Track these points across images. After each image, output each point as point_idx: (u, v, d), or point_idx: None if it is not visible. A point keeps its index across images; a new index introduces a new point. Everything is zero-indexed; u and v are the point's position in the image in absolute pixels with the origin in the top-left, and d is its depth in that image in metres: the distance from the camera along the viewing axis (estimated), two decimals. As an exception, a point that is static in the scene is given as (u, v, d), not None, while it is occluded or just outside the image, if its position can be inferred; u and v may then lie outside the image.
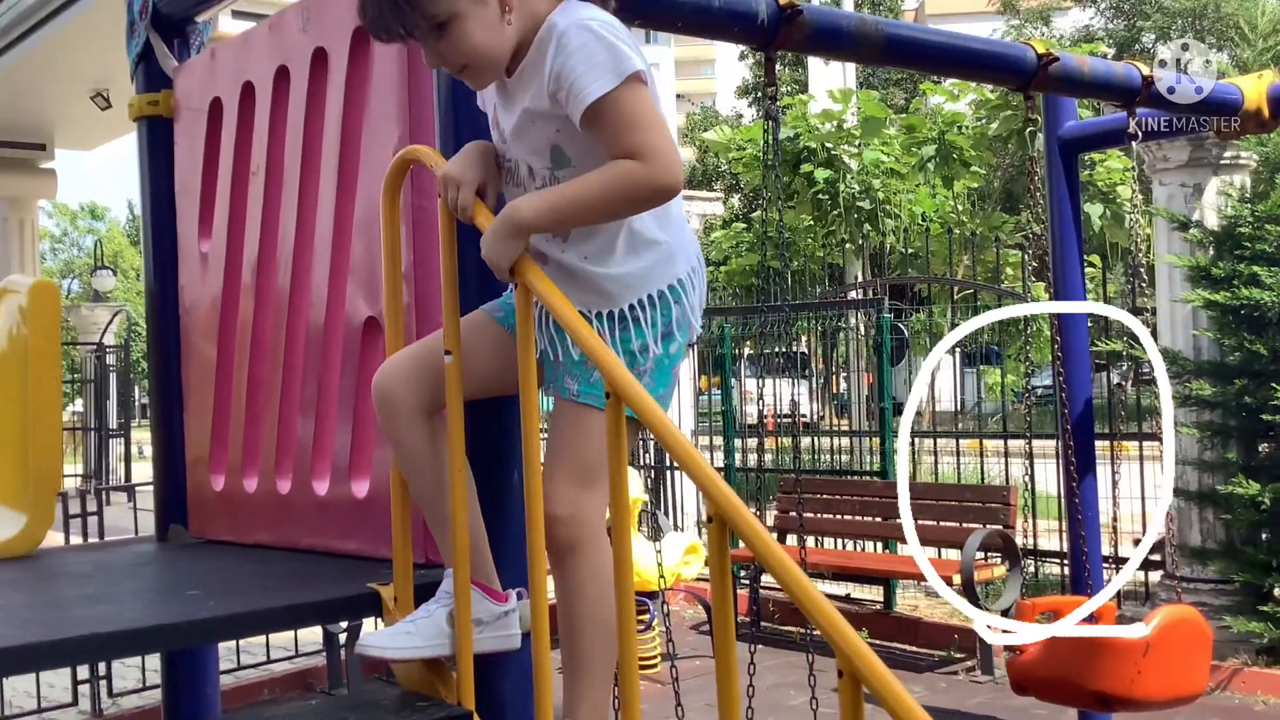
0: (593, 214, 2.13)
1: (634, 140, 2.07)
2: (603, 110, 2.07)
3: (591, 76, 2.06)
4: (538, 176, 2.24)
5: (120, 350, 15.72)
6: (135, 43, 3.45)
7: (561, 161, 2.20)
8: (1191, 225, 7.08)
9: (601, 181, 2.08)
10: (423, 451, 2.31)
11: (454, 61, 2.16)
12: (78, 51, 9.67)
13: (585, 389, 2.20)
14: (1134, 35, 29.92)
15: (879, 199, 13.61)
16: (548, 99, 2.14)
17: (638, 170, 2.07)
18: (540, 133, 2.19)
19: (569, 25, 2.11)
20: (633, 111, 2.08)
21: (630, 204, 2.12)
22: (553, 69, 2.11)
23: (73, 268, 44.88)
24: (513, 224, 2.10)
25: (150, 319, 3.62)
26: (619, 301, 2.21)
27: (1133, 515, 7.58)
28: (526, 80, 2.19)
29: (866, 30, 4.03)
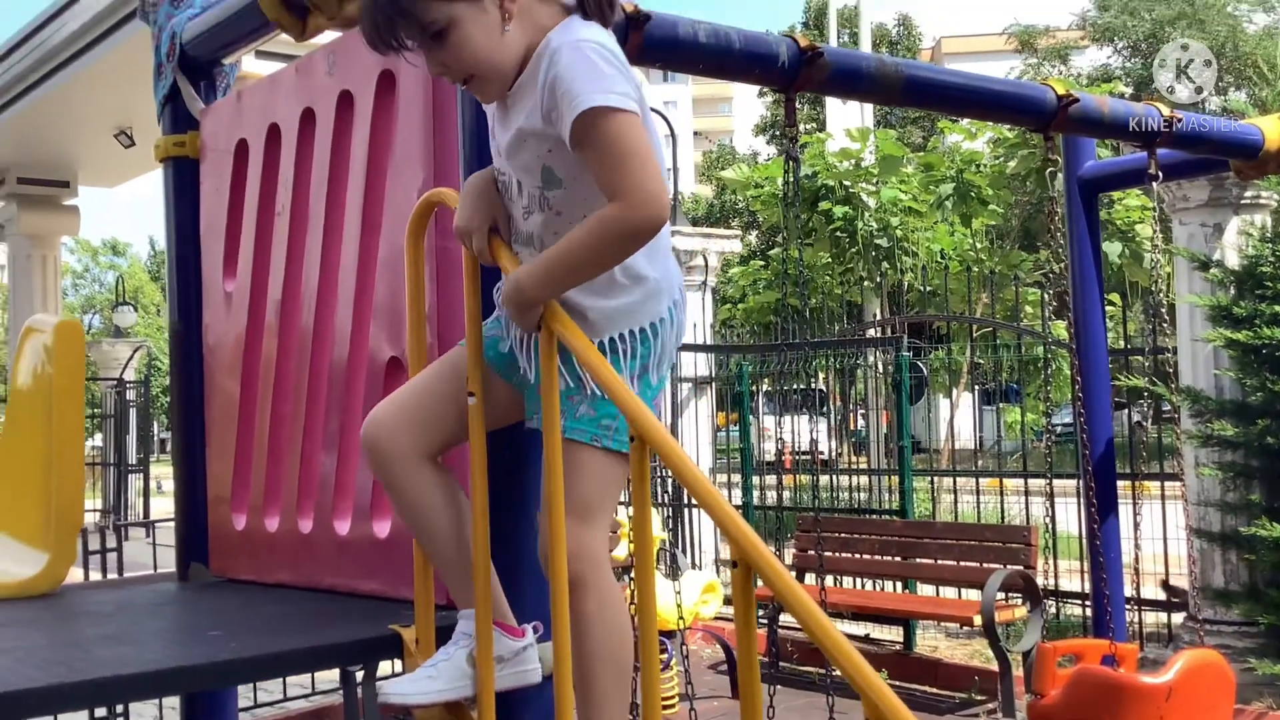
0: (588, 270, 2.13)
1: (615, 177, 2.05)
2: (588, 134, 2.04)
3: (580, 98, 2.04)
4: (526, 194, 2.23)
5: (140, 385, 15.79)
6: (162, 84, 3.49)
7: (552, 182, 2.18)
8: (1212, 265, 7.06)
9: (586, 239, 2.08)
10: (428, 496, 2.30)
11: (457, 70, 2.14)
12: (102, 90, 9.78)
13: (572, 424, 2.18)
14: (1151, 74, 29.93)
15: (897, 237, 13.62)
16: (540, 118, 2.12)
17: (618, 217, 2.05)
18: (532, 151, 2.18)
19: (563, 44, 2.10)
20: (617, 141, 2.04)
21: (620, 251, 2.12)
22: (545, 87, 2.09)
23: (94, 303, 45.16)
24: (510, 295, 2.14)
25: (174, 357, 3.64)
26: (599, 333, 2.19)
27: (1155, 556, 7.51)
28: (522, 97, 2.17)
29: (886, 72, 4.05)
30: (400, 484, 2.29)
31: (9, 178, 12.38)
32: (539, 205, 2.21)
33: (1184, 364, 7.23)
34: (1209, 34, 28.53)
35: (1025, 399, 11.23)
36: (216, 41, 3.42)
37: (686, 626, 5.49)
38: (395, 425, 2.28)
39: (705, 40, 3.59)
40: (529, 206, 2.23)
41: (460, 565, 2.31)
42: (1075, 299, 5.61)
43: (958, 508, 9.91)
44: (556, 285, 2.12)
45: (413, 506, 2.31)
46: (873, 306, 15.37)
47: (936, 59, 46.27)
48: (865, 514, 9.68)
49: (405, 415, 2.29)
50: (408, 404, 2.31)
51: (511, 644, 2.32)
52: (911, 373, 9.23)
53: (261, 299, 3.33)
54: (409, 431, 2.28)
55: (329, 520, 3.01)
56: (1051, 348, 8.83)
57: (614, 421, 2.19)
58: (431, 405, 2.30)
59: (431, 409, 2.30)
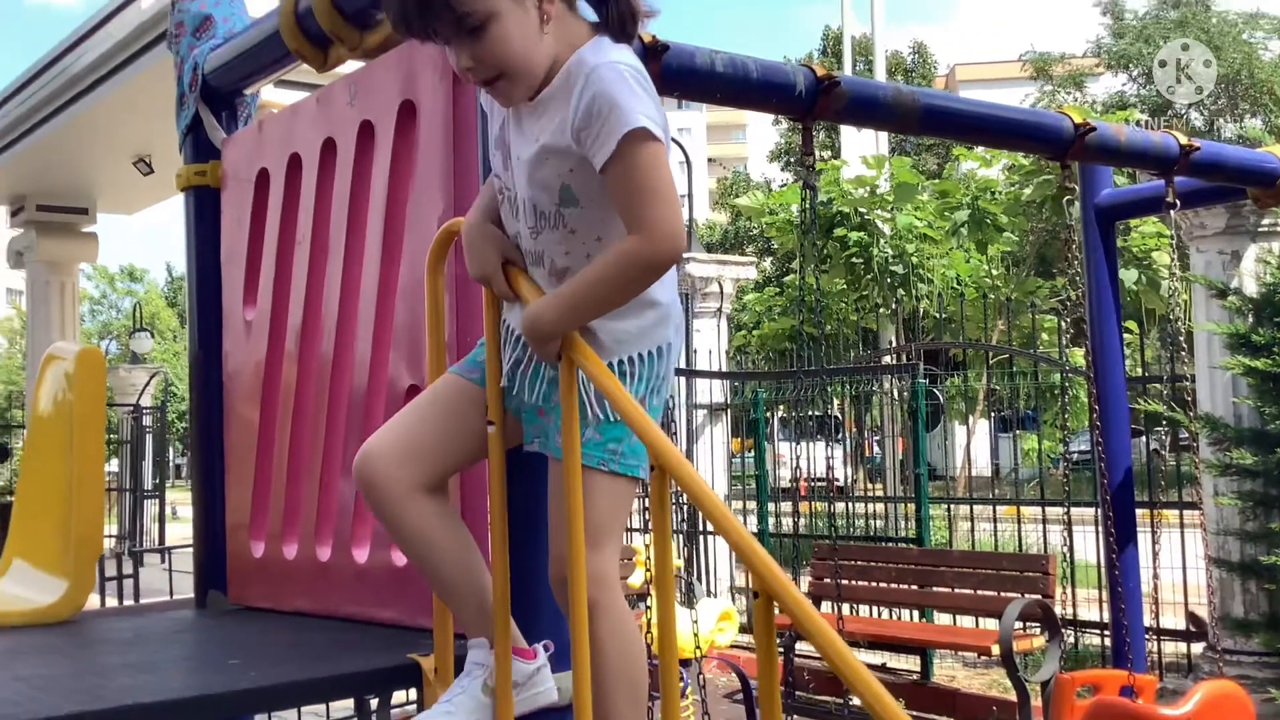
0: (609, 304, 2.13)
1: (641, 210, 2.05)
2: (623, 158, 2.03)
3: (621, 122, 2.03)
4: (537, 211, 2.18)
5: (157, 411, 15.84)
6: (185, 114, 3.52)
7: (569, 201, 2.15)
8: (1230, 292, 7.04)
9: (608, 274, 2.09)
10: (431, 528, 2.26)
11: (490, 66, 2.06)
12: (121, 118, 9.85)
13: (582, 449, 2.15)
14: (1167, 101, 29.95)
15: (912, 263, 13.62)
16: (570, 136, 2.08)
17: (641, 251, 2.06)
18: (553, 169, 2.13)
19: (601, 64, 2.07)
20: (645, 172, 2.04)
21: (640, 285, 2.13)
22: (580, 106, 2.06)
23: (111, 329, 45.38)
24: (539, 332, 2.11)
25: (194, 384, 3.66)
26: (609, 355, 2.18)
27: (1174, 585, 7.47)
28: (548, 112, 2.13)
29: (903, 100, 4.07)
30: (401, 520, 2.25)
31: (28, 205, 12.47)
32: (552, 223, 2.17)
33: (1202, 392, 7.20)
34: (1224, 61, 28.57)
35: (1042, 426, 11.19)
36: (238, 72, 3.46)
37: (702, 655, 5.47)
38: (392, 460, 2.23)
39: (723, 70, 3.62)
40: (539, 224, 2.18)
41: (469, 594, 2.29)
42: (1093, 327, 5.59)
43: (974, 536, 9.86)
44: (577, 319, 2.11)
45: (416, 540, 2.27)
46: (888, 333, 15.36)
47: (951, 86, 46.34)
48: (881, 542, 9.65)
49: (401, 449, 2.24)
50: (402, 437, 2.26)
51: (525, 668, 2.31)
52: (927, 400, 9.21)
53: (281, 327, 3.35)
54: (407, 465, 2.23)
55: (347, 548, 3.01)
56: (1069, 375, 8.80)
57: (619, 445, 2.18)
58: (428, 437, 2.26)
59: (428, 441, 2.25)
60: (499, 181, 2.26)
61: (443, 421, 2.28)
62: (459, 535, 2.31)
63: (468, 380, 2.32)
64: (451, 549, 2.28)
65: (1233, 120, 30.47)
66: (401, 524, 2.25)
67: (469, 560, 2.30)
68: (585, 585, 2.08)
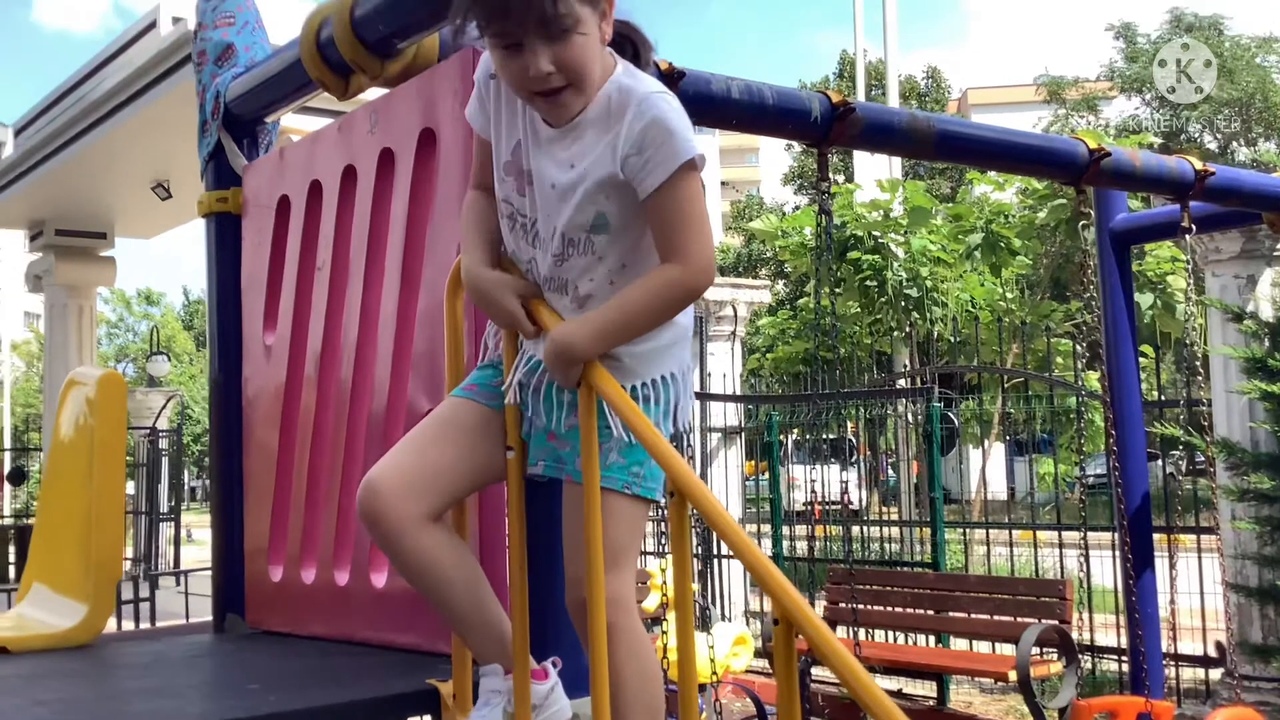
0: (643, 329, 2.14)
1: (680, 239, 2.09)
2: (671, 189, 2.06)
3: (678, 152, 2.06)
4: (563, 237, 2.16)
5: (173, 434, 15.89)
6: (207, 142, 3.56)
7: (601, 227, 2.15)
8: (1246, 316, 7.02)
9: (648, 300, 2.10)
10: (441, 558, 2.23)
11: (567, 73, 2.03)
12: (140, 143, 9.92)
13: (603, 473, 2.15)
14: (1180, 125, 29.95)
15: (926, 287, 13.61)
16: (616, 163, 2.08)
17: (679, 278, 2.09)
18: (591, 196, 2.12)
19: (652, 93, 2.09)
20: (690, 202, 2.08)
21: (674, 312, 2.16)
22: (633, 132, 2.07)
23: (127, 352, 45.57)
24: (562, 353, 2.09)
25: (214, 409, 3.68)
26: (634, 377, 2.18)
27: (1191, 611, 7.43)
28: (585, 137, 2.12)
29: (918, 126, 4.09)
30: (412, 553, 2.21)
31: (47, 229, 12.55)
32: (581, 249, 2.16)
33: (1218, 416, 7.18)
34: (1238, 85, 28.56)
35: (1058, 450, 11.16)
36: (260, 100, 3.49)
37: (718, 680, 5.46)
38: (399, 493, 2.18)
39: (739, 96, 3.64)
40: (566, 251, 2.17)
41: (480, 621, 2.28)
42: (1109, 351, 5.59)
43: (990, 560, 9.83)
44: (611, 343, 2.11)
45: (426, 572, 2.23)
46: (902, 356, 15.33)
47: (962, 110, 46.39)
48: (897, 566, 9.61)
49: (408, 481, 2.20)
50: (408, 468, 2.21)
51: (540, 689, 2.30)
52: (943, 423, 9.19)
53: (301, 352, 3.37)
54: (415, 497, 2.19)
55: (365, 573, 3.02)
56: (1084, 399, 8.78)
57: (641, 468, 2.19)
58: (436, 466, 2.23)
59: (436, 470, 2.23)
60: (509, 207, 2.23)
61: (449, 449, 2.25)
62: (467, 562, 2.29)
63: (475, 404, 2.29)
64: (462, 578, 2.26)
65: (1246, 144, 30.43)
66: (412, 557, 2.22)
67: (478, 587, 2.29)
68: (604, 609, 2.08)
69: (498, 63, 2.08)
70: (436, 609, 2.32)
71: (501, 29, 2.01)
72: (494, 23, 2.01)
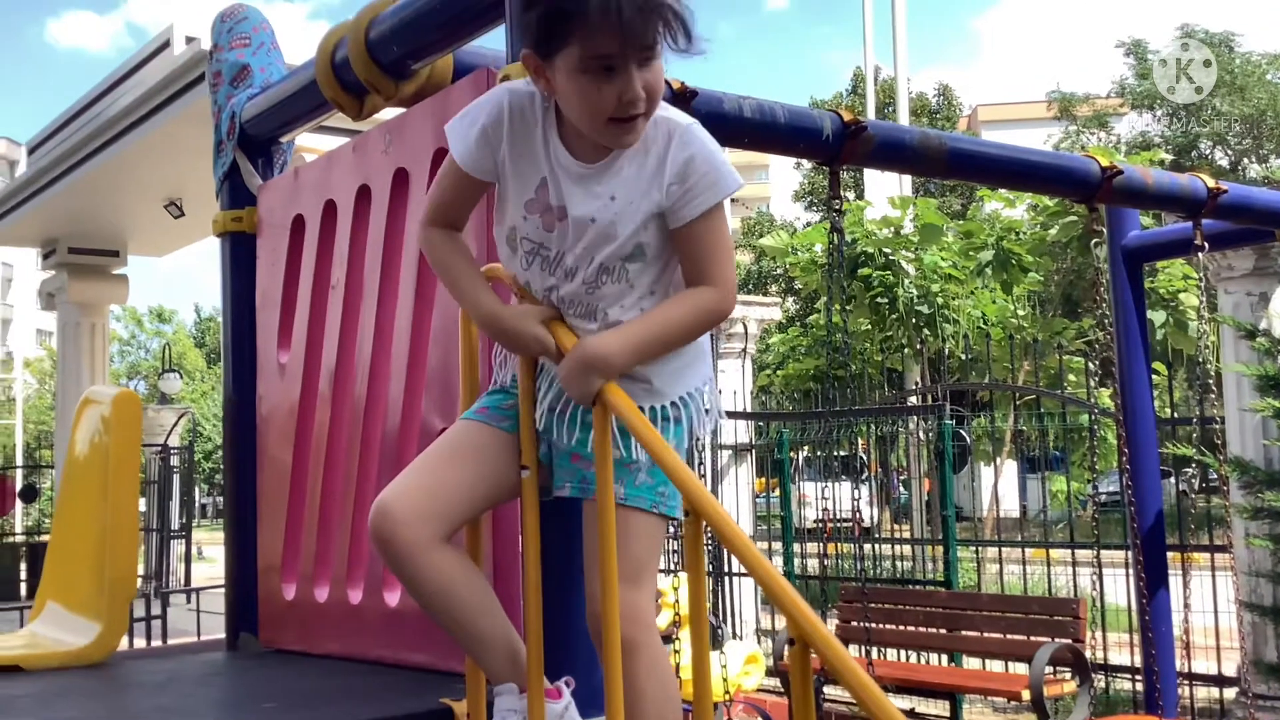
0: (672, 347, 2.17)
1: (715, 266, 2.14)
2: (709, 219, 2.12)
3: (720, 183, 2.11)
4: (596, 266, 2.16)
5: (184, 451, 15.92)
6: (222, 161, 3.58)
7: (637, 256, 2.16)
8: (1259, 333, 7.01)
9: (684, 321, 2.14)
10: (454, 580, 2.22)
11: (651, 98, 2.04)
12: (153, 162, 9.98)
13: (633, 492, 2.16)
14: (1191, 142, 29.92)
15: (937, 304, 13.61)
16: (659, 192, 2.11)
17: (713, 301, 2.15)
18: (633, 226, 2.14)
19: (691, 125, 2.14)
20: (722, 230, 2.16)
21: (702, 332, 2.21)
22: (676, 162, 2.10)
23: (139, 369, 45.72)
24: (594, 364, 2.09)
25: (228, 427, 3.69)
26: (664, 396, 2.21)
27: (1205, 629, 7.39)
28: (626, 170, 2.13)
29: (930, 144, 4.09)
30: (425, 576, 2.19)
31: (60, 247, 12.62)
32: (615, 277, 2.17)
33: (1231, 434, 7.16)
34: (1249, 101, 28.53)
35: (1070, 467, 11.12)
36: (275, 120, 3.51)
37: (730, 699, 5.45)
38: (411, 516, 2.17)
39: (751, 115, 3.66)
40: (601, 279, 2.17)
41: (492, 640, 2.27)
42: (1121, 369, 5.58)
43: (1003, 578, 9.80)
44: (643, 357, 2.14)
45: (439, 594, 2.22)
46: (913, 374, 15.32)
47: (972, 127, 46.41)
48: (909, 584, 9.59)
49: (420, 503, 2.19)
50: (419, 490, 2.20)
51: (555, 707, 2.30)
52: (954, 441, 9.18)
53: (315, 370, 3.38)
54: (427, 520, 2.18)
55: (379, 591, 3.02)
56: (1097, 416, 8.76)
57: (667, 488, 2.20)
58: (447, 489, 2.22)
59: (448, 493, 2.22)
60: (530, 244, 2.22)
61: (461, 471, 2.25)
62: (479, 583, 2.28)
63: (488, 426, 2.29)
64: (474, 598, 2.25)
65: (1258, 161, 30.39)
66: (423, 580, 2.20)
67: (491, 607, 2.28)
68: (619, 626, 2.08)
69: (584, 87, 2.02)
70: (448, 631, 2.30)
71: (619, 49, 1.98)
72: (623, 46, 1.98)
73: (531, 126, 2.18)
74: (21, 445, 32.08)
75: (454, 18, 2.91)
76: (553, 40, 2.01)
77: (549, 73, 2.06)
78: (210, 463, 37.35)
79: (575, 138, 2.16)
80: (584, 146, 2.15)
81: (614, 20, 1.94)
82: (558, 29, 2.00)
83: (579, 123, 2.10)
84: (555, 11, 1.99)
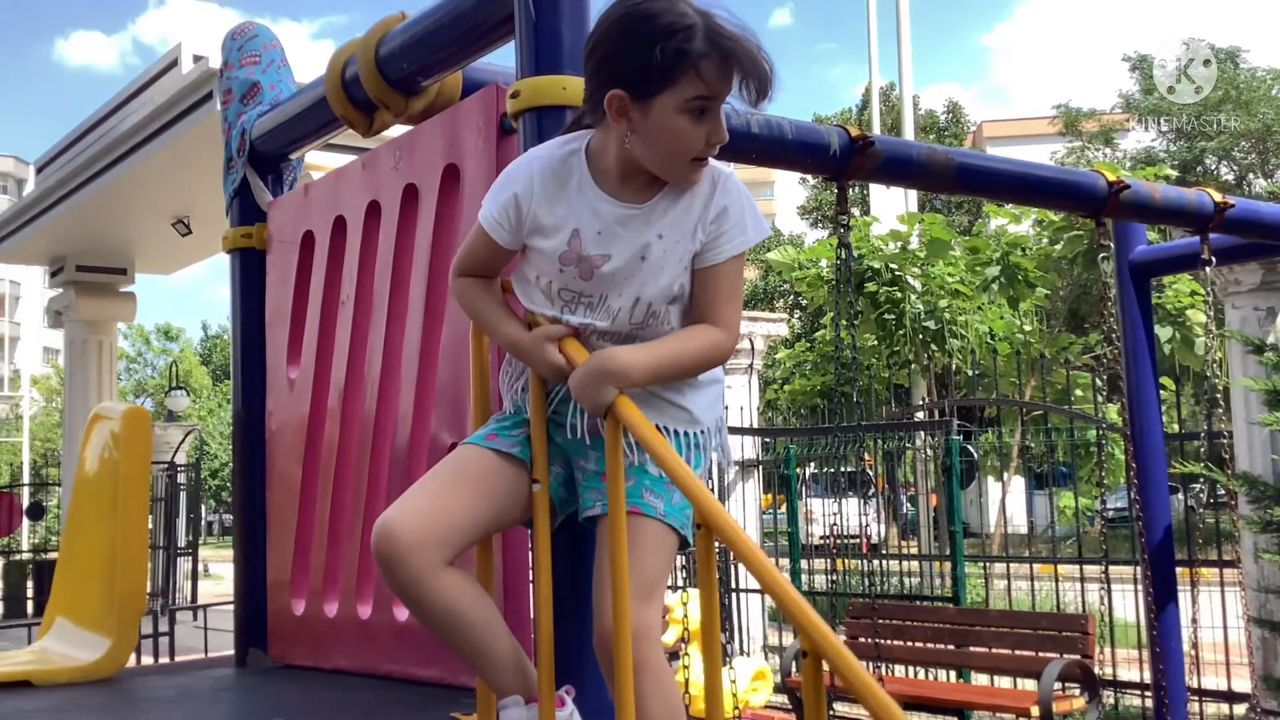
0: (682, 375, 2.23)
1: (729, 309, 2.23)
2: (734, 264, 2.21)
3: (751, 231, 2.20)
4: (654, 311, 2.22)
5: (190, 469, 15.93)
6: (232, 179, 3.59)
7: (678, 298, 2.24)
8: (1267, 348, 7.00)
9: (698, 353, 2.20)
10: (459, 600, 2.22)
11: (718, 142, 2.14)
12: (162, 179, 10.00)
13: (670, 509, 2.19)
14: (1197, 157, 29.92)
15: (944, 319, 13.60)
16: (702, 235, 2.20)
17: (721, 341, 2.22)
18: (675, 264, 2.21)
19: (730, 173, 2.23)
20: (739, 276, 2.24)
21: (706, 368, 2.27)
22: (715, 208, 2.19)
23: (146, 387, 45.75)
24: (614, 374, 2.12)
25: (237, 443, 3.69)
26: (699, 424, 2.28)
27: (1214, 645, 7.37)
28: (673, 212, 2.21)
29: (937, 159, 4.10)
30: (430, 597, 2.20)
31: (68, 265, 12.65)
32: (660, 319, 2.24)
33: (1240, 448, 7.15)
34: (1254, 115, 28.54)
35: (1078, 483, 11.10)
36: (285, 137, 3.53)
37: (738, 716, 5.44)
38: (417, 538, 2.17)
39: (758, 131, 3.66)
40: (648, 321, 2.24)
41: (497, 655, 2.27)
42: (1129, 384, 5.58)
43: (1011, 594, 9.77)
44: (657, 377, 2.19)
45: (444, 614, 2.22)
46: (920, 389, 15.30)
47: (978, 143, 46.43)
48: (917, 600, 9.56)
49: (425, 525, 2.19)
50: (425, 512, 2.21)
51: (562, 714, 2.30)
52: (962, 456, 9.17)
53: (324, 385, 3.39)
54: (431, 544, 2.18)
55: (388, 606, 3.02)
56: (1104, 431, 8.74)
57: (691, 510, 2.22)
58: (453, 512, 2.23)
59: (453, 516, 2.22)
60: (569, 294, 2.26)
61: (466, 494, 2.26)
62: (482, 600, 2.29)
63: (494, 453, 2.30)
64: (480, 616, 2.25)
65: (1264, 176, 30.38)
66: (430, 601, 2.21)
67: (495, 623, 2.28)
68: (630, 641, 2.09)
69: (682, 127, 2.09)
70: (454, 649, 2.31)
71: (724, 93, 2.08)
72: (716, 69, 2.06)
73: (565, 182, 2.24)
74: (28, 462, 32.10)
75: (463, 34, 2.93)
76: (663, 81, 2.08)
77: (634, 113, 2.11)
78: (217, 480, 37.36)
79: (618, 182, 2.21)
80: (627, 190, 2.21)
81: (730, 66, 2.06)
82: (674, 69, 2.07)
83: (659, 161, 2.16)
84: (676, 52, 2.06)
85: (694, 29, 2.06)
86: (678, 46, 2.05)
